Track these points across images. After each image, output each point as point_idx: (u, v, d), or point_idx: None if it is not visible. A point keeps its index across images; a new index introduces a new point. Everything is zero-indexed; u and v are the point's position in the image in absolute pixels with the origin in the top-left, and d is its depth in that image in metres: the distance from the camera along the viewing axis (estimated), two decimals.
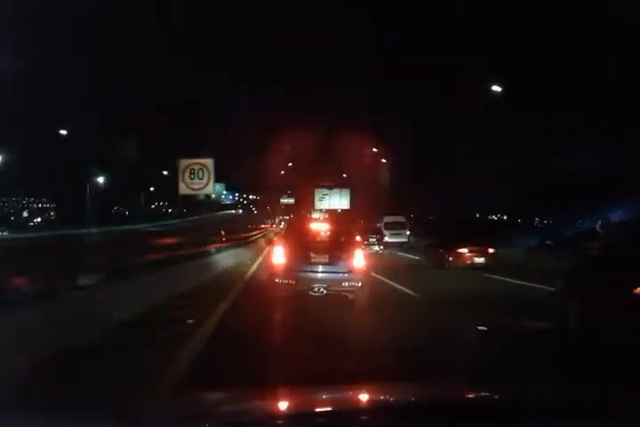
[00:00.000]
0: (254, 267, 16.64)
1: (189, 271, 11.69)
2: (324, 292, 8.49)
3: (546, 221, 35.69)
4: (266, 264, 13.06)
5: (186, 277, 10.95)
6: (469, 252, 16.71)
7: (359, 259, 8.89)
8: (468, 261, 16.58)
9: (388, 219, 33.58)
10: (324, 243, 9.45)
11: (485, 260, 16.58)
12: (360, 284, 8.65)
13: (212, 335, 6.38)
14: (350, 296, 8.72)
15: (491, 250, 16.95)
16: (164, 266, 10.44)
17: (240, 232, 33.41)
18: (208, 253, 15.44)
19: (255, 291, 10.55)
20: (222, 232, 22.02)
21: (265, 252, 20.06)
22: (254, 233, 32.80)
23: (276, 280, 8.78)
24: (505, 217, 37.20)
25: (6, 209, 73.97)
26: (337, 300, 8.72)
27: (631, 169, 29.35)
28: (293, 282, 8.65)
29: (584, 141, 31.30)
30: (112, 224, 38.86)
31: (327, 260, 8.77)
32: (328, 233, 9.76)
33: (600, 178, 29.99)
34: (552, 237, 23.14)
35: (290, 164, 54.02)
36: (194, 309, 7.95)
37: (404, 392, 2.22)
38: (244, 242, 22.79)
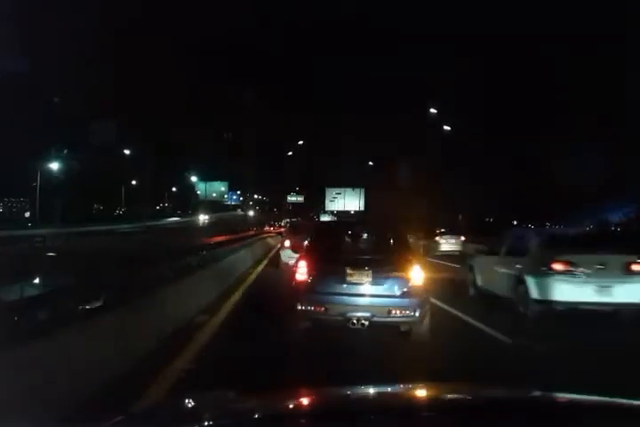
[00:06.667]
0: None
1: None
2: (366, 324, 6.43)
3: (556, 225, 34.55)
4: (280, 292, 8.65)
5: None
6: None
7: (417, 276, 6.66)
8: None
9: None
10: (364, 252, 7.28)
11: None
12: (417, 312, 6.46)
13: None
14: (403, 330, 6.74)
15: None
16: None
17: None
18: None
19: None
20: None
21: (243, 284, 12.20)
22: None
23: (299, 307, 6.69)
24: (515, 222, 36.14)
25: None
26: (385, 338, 6.74)
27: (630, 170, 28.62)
28: (322, 309, 6.62)
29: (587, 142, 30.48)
30: (72, 225, 36.03)
31: (370, 277, 6.61)
32: (368, 238, 7.67)
33: (599, 179, 29.25)
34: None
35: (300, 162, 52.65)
36: None
37: (407, 393, 2.21)
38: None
